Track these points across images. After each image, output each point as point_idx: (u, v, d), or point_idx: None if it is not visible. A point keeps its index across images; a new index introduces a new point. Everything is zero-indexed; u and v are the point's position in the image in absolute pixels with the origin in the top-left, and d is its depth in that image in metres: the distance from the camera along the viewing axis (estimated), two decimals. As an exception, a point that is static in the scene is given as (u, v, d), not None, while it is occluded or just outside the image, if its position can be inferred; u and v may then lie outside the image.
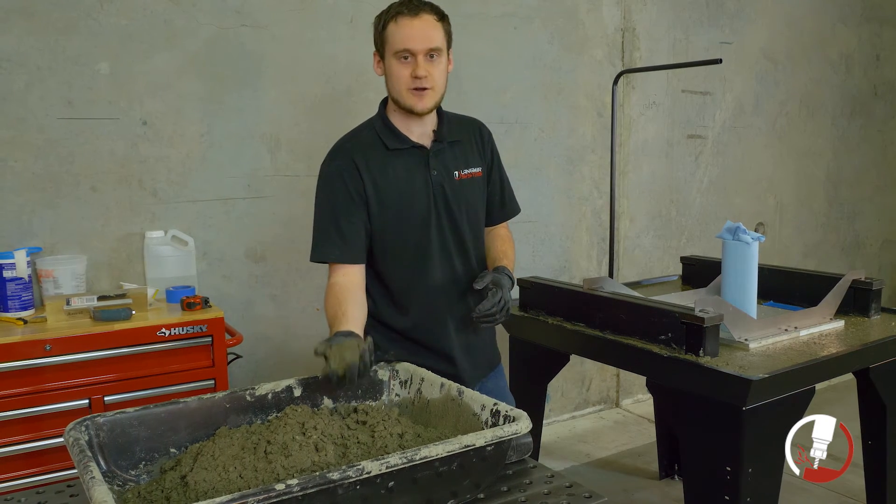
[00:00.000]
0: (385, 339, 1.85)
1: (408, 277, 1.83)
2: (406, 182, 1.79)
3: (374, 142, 1.80)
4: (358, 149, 1.79)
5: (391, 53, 1.72)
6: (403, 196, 1.78)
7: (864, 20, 4.90)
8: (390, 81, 1.76)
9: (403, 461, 1.12)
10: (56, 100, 2.48)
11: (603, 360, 2.49)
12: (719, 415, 1.91)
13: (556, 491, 1.35)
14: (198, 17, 2.69)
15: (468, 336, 1.91)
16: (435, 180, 1.81)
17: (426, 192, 1.80)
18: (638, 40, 3.85)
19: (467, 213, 1.87)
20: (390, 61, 1.73)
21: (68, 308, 2.28)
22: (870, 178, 5.15)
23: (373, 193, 1.76)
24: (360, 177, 1.76)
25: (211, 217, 2.78)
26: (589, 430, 3.78)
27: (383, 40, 1.75)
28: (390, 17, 1.73)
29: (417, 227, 1.80)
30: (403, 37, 1.70)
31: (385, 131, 1.80)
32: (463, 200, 1.85)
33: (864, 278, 2.44)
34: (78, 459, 1.17)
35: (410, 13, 1.71)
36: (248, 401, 1.46)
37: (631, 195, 3.95)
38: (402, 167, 1.79)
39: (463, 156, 1.87)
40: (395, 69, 1.73)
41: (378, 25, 1.77)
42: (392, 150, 1.79)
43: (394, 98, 1.78)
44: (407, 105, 1.75)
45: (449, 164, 1.83)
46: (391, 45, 1.72)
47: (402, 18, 1.71)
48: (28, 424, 2.14)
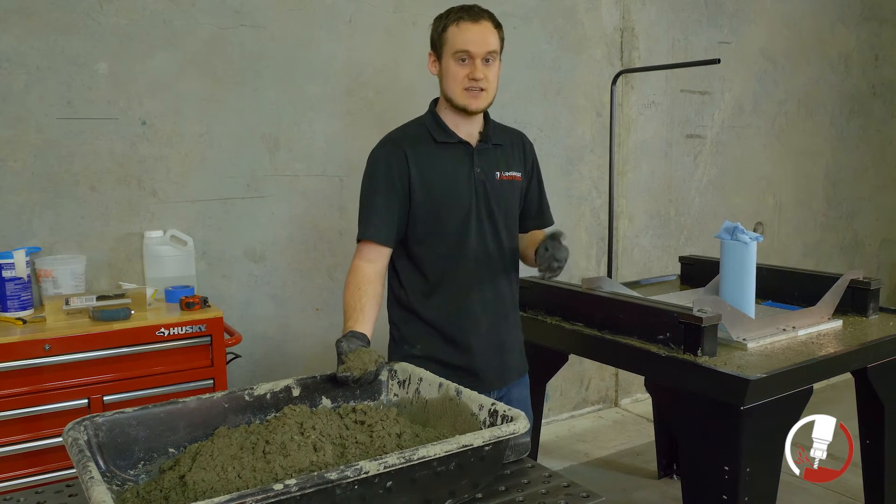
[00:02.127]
0: (413, 330, 1.91)
1: (443, 267, 1.89)
2: (451, 174, 1.87)
3: (422, 134, 1.89)
4: (407, 139, 1.88)
5: (450, 54, 1.82)
6: (448, 187, 1.87)
7: (863, 20, 4.90)
8: (446, 80, 1.85)
9: (401, 461, 1.13)
10: (55, 100, 2.48)
11: (601, 360, 2.50)
12: (717, 414, 1.91)
13: (554, 491, 1.35)
14: (197, 17, 2.69)
15: (500, 335, 1.96)
16: (478, 177, 1.89)
17: (469, 186, 1.88)
18: (637, 40, 3.85)
19: (506, 211, 1.96)
20: (448, 61, 1.83)
21: (67, 308, 2.28)
22: (868, 177, 5.15)
23: (418, 182, 1.84)
24: (407, 164, 1.84)
25: (210, 217, 2.78)
26: (588, 430, 3.79)
27: (442, 42, 1.84)
28: (451, 20, 1.83)
29: (459, 218, 1.88)
30: (464, 39, 1.80)
31: (434, 126, 1.89)
32: (503, 199, 1.94)
33: (862, 278, 2.44)
34: (77, 459, 1.17)
35: (471, 18, 1.82)
36: (247, 401, 1.46)
37: (630, 195, 3.96)
38: (448, 160, 1.88)
39: (505, 159, 1.96)
40: (452, 69, 1.83)
41: (438, 27, 1.86)
42: (440, 143, 1.88)
43: (448, 97, 1.87)
44: (461, 104, 1.84)
45: (491, 164, 1.92)
46: (451, 46, 1.82)
47: (463, 23, 1.81)
48: (27, 424, 2.14)
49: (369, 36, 3.05)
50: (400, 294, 1.94)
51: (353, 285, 1.80)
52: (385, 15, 3.08)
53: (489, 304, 1.93)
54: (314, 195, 2.99)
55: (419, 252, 1.89)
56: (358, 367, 1.52)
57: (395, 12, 3.10)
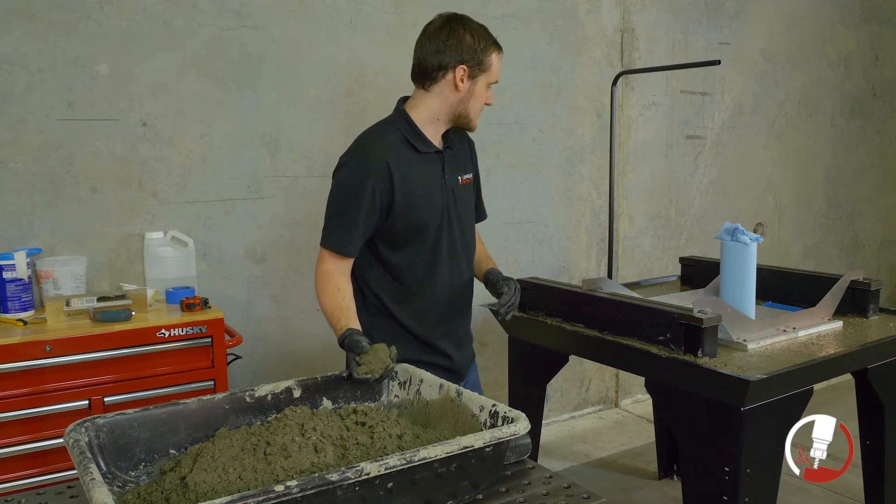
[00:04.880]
0: (387, 335, 1.89)
1: (421, 274, 1.92)
2: (429, 184, 1.90)
3: (402, 144, 1.88)
4: (390, 150, 1.85)
5: (486, 80, 1.89)
6: (427, 197, 1.89)
7: (863, 21, 4.91)
8: (471, 101, 1.89)
9: (402, 462, 1.13)
10: (56, 101, 2.49)
11: (602, 361, 2.50)
12: (718, 415, 1.91)
13: (555, 491, 1.35)
14: (198, 18, 2.69)
15: (463, 329, 2.05)
16: (447, 184, 1.93)
17: (442, 194, 1.92)
18: (637, 41, 3.85)
19: (468, 214, 2.01)
20: (482, 86, 1.89)
21: (68, 309, 2.28)
22: (869, 178, 5.15)
23: (401, 193, 1.84)
24: (391, 177, 1.82)
25: (211, 218, 2.78)
26: (588, 431, 3.79)
27: (486, 66, 1.88)
28: (494, 48, 1.89)
29: (435, 226, 1.90)
30: (498, 70, 1.91)
31: (412, 135, 1.89)
32: (464, 203, 1.99)
33: (862, 279, 2.44)
34: (78, 461, 1.17)
35: (501, 50, 1.91)
36: (248, 402, 1.47)
37: (630, 195, 3.96)
38: (426, 169, 1.90)
39: (462, 163, 2.01)
40: (483, 94, 1.90)
41: (479, 47, 1.86)
42: (420, 154, 1.89)
43: (464, 114, 1.90)
44: (474, 124, 1.94)
45: (454, 169, 1.96)
46: (491, 74, 1.89)
47: (499, 55, 1.90)
48: (28, 425, 2.14)
49: (369, 37, 3.05)
50: (371, 301, 1.94)
51: (332, 287, 1.82)
52: (385, 16, 3.08)
53: (458, 303, 2.00)
54: (314, 196, 2.99)
55: (395, 260, 1.90)
56: (378, 366, 1.56)
57: (396, 13, 3.10)
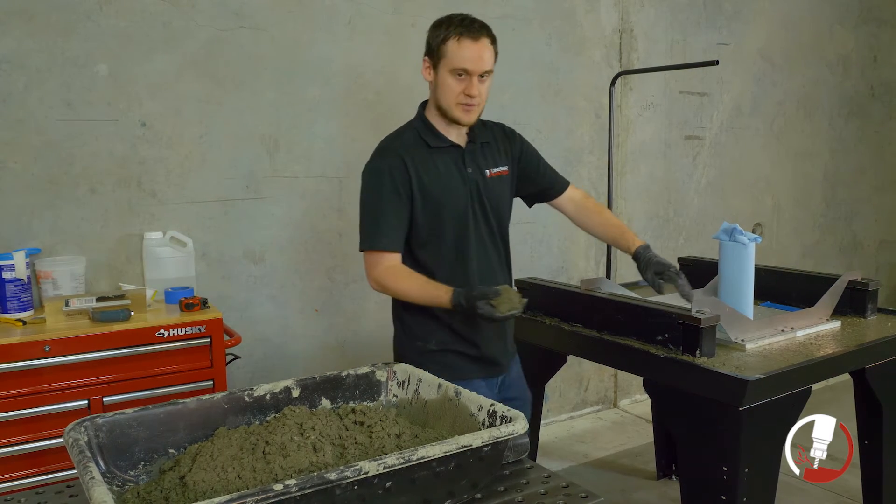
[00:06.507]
0: (424, 327, 1.97)
1: (448, 267, 1.94)
2: (447, 178, 1.93)
3: (416, 141, 1.93)
4: (404, 147, 1.92)
5: (448, 68, 1.85)
6: (445, 191, 1.92)
7: (862, 21, 4.91)
8: (441, 92, 1.89)
9: (401, 461, 1.13)
10: (55, 101, 2.49)
11: (600, 361, 2.50)
12: (716, 415, 1.91)
13: (553, 491, 1.36)
14: (196, 18, 2.69)
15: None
16: (470, 177, 1.95)
17: (464, 187, 1.94)
18: (636, 41, 3.86)
19: (498, 207, 2.03)
20: (445, 75, 1.86)
21: (67, 309, 2.28)
22: (867, 178, 5.16)
23: (418, 188, 1.88)
24: (408, 172, 1.88)
25: (210, 218, 2.78)
26: (587, 431, 3.79)
27: (441, 53, 1.86)
28: (452, 34, 1.84)
29: (457, 219, 1.94)
30: (463, 57, 1.83)
31: (426, 131, 1.94)
32: (494, 196, 2.01)
33: (860, 279, 2.45)
34: (77, 460, 1.17)
35: (472, 36, 1.84)
36: (247, 401, 1.47)
37: (629, 196, 3.96)
38: (442, 164, 1.93)
39: (492, 156, 2.03)
40: (449, 83, 1.86)
41: (437, 36, 1.86)
42: (433, 148, 1.93)
43: (440, 106, 1.91)
44: (454, 117, 1.90)
45: (481, 163, 1.99)
46: (449, 62, 1.84)
47: (463, 40, 1.83)
48: (27, 425, 2.14)
49: (368, 38, 3.05)
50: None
51: (404, 275, 1.88)
52: (384, 17, 3.08)
53: None
54: (313, 196, 3.00)
55: (423, 255, 1.95)
56: (517, 301, 1.73)
57: (394, 14, 3.10)
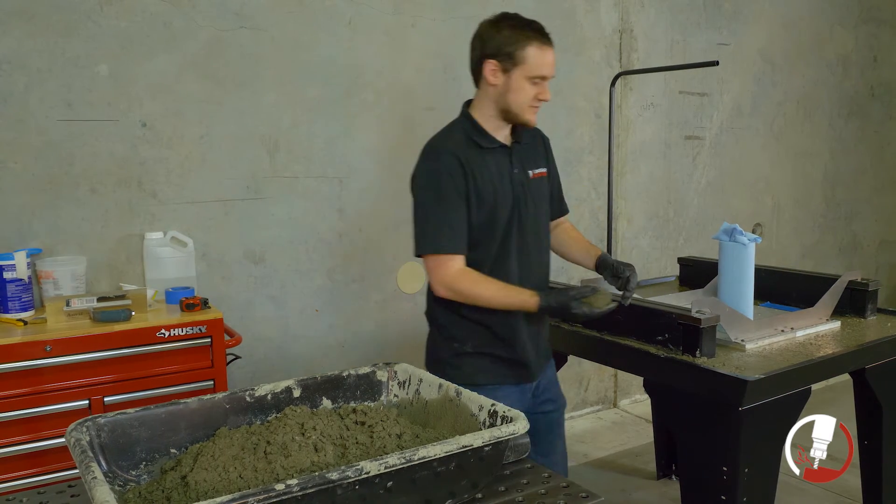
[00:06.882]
0: (463, 329, 1.96)
1: (493, 267, 1.93)
2: (497, 178, 1.92)
3: (467, 142, 1.92)
4: (458, 148, 1.90)
5: (527, 74, 1.86)
6: (496, 191, 1.91)
7: (861, 22, 4.92)
8: (514, 95, 1.88)
9: (402, 461, 1.13)
10: (56, 101, 2.49)
11: (600, 361, 2.50)
12: (716, 415, 1.92)
13: (553, 491, 1.36)
14: (197, 19, 2.69)
15: (537, 325, 2.04)
16: (516, 177, 1.96)
17: (511, 188, 1.94)
18: (636, 42, 3.86)
19: (541, 207, 2.03)
20: (521, 80, 1.87)
21: (68, 309, 2.29)
22: (867, 178, 5.16)
23: (473, 189, 1.88)
24: (465, 174, 1.87)
25: (210, 218, 2.79)
26: (587, 431, 3.80)
27: (519, 58, 1.85)
28: (531, 40, 1.85)
29: (504, 220, 1.93)
30: (543, 63, 1.86)
31: (475, 132, 1.93)
32: (537, 197, 2.01)
33: (860, 279, 2.45)
34: (79, 460, 1.18)
35: (548, 42, 1.88)
36: (248, 401, 1.47)
37: (629, 196, 3.96)
38: (493, 165, 1.93)
39: (533, 157, 2.04)
40: (525, 88, 1.88)
41: (512, 40, 1.85)
42: (485, 149, 1.92)
43: (508, 108, 1.90)
44: (525, 119, 1.92)
45: (525, 163, 2.00)
46: (530, 68, 1.85)
47: (544, 48, 1.86)
48: (28, 425, 2.14)
49: (369, 38, 3.06)
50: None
51: (480, 279, 1.87)
52: (384, 17, 3.08)
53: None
54: (314, 197, 3.00)
55: (471, 256, 1.91)
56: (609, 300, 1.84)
57: (395, 14, 3.11)
